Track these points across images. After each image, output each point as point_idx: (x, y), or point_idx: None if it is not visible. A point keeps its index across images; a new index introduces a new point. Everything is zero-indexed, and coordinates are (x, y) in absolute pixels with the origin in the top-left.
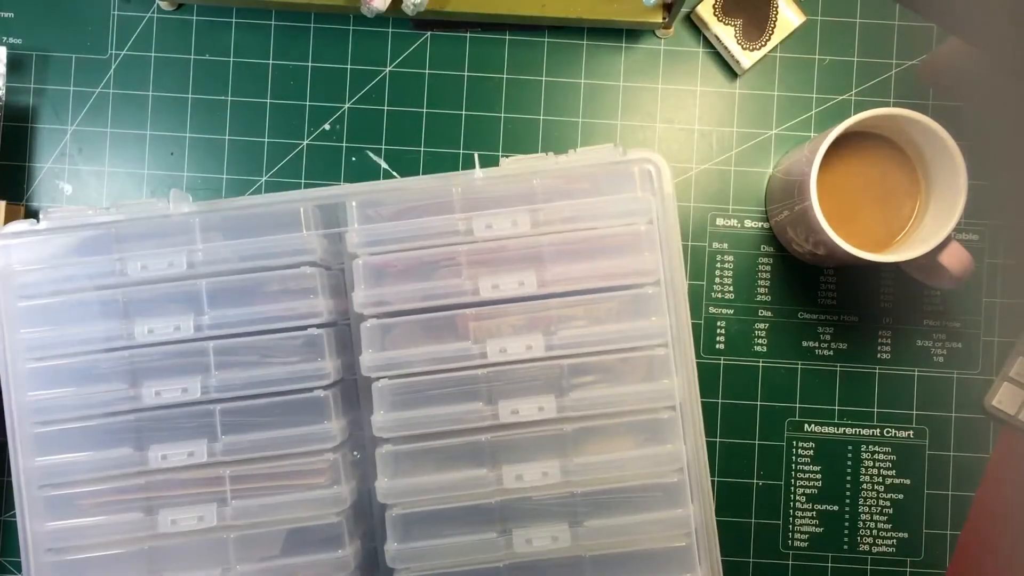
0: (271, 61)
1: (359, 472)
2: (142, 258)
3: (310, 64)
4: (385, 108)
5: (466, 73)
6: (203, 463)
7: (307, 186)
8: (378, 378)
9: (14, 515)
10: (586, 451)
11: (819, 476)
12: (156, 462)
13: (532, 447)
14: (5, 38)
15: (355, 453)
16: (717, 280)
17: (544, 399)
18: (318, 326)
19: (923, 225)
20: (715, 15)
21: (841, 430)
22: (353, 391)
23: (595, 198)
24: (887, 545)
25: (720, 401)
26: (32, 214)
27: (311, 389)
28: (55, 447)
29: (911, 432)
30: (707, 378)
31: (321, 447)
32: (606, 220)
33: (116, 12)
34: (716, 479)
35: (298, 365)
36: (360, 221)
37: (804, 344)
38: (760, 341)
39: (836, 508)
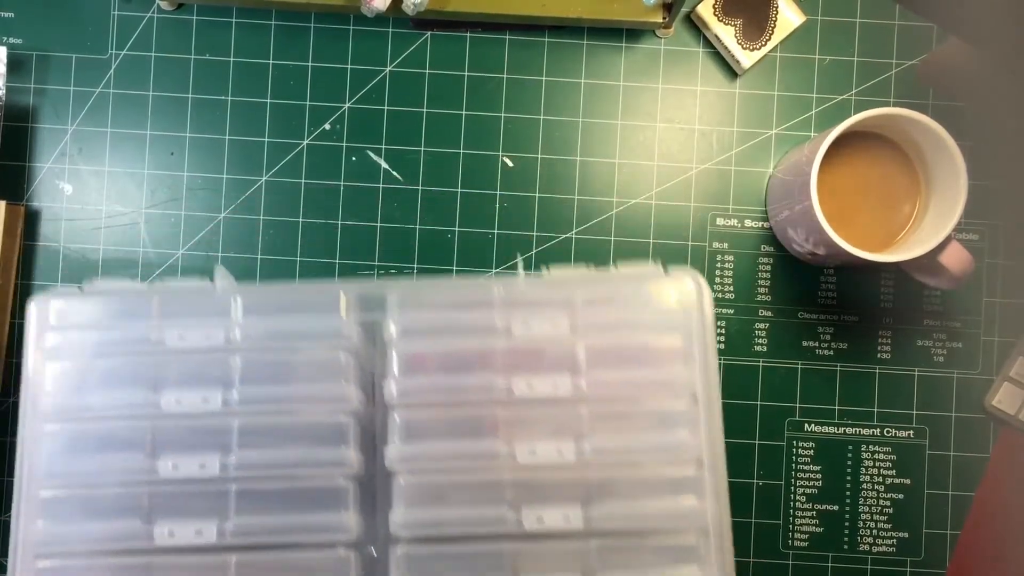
0: (271, 61)
1: (373, 570)
2: (180, 328)
3: (310, 64)
4: (385, 108)
5: (466, 73)
6: (210, 545)
7: (307, 186)
8: (402, 472)
9: None
10: (612, 571)
11: (819, 476)
12: (162, 538)
13: (555, 560)
14: (5, 38)
15: (371, 549)
16: (717, 280)
17: (571, 509)
18: (347, 413)
19: (923, 225)
20: (715, 15)
21: (841, 430)
22: (374, 483)
23: (635, 309)
24: (887, 545)
25: (720, 401)
26: (32, 214)
27: (333, 477)
28: (61, 513)
29: (911, 432)
30: None
31: (336, 539)
32: (645, 332)
33: (116, 12)
34: None
35: (322, 451)
36: (398, 312)
37: (804, 344)
38: (760, 341)
39: (836, 508)
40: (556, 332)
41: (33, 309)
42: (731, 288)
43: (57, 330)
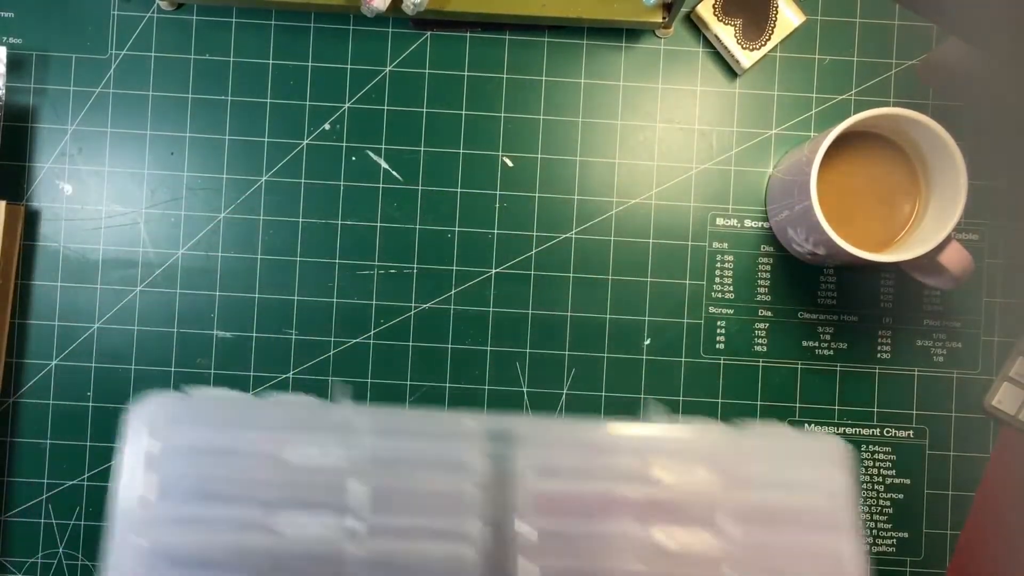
0: (271, 61)
1: None
2: (295, 443)
3: (310, 64)
4: (385, 108)
5: (466, 73)
6: None
7: (307, 186)
8: None
9: (14, 515)
10: None
11: None
12: None
13: None
14: (5, 38)
15: None
16: (717, 280)
17: None
18: (472, 550)
19: (923, 225)
20: (715, 15)
21: (841, 430)
22: None
23: (777, 468)
24: (887, 545)
25: (720, 401)
26: (32, 214)
27: None
28: None
29: (911, 432)
30: (707, 378)
31: None
32: (788, 493)
33: (116, 12)
34: None
35: None
36: (529, 449)
37: (804, 344)
38: (760, 341)
39: None
40: (696, 484)
41: (134, 413)
42: (731, 288)
43: (160, 437)
